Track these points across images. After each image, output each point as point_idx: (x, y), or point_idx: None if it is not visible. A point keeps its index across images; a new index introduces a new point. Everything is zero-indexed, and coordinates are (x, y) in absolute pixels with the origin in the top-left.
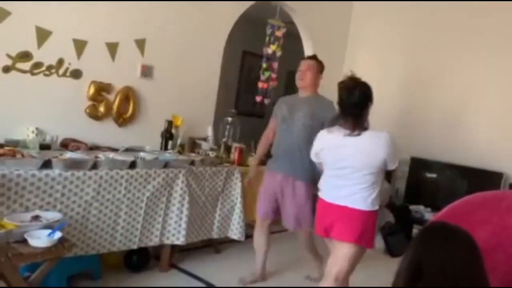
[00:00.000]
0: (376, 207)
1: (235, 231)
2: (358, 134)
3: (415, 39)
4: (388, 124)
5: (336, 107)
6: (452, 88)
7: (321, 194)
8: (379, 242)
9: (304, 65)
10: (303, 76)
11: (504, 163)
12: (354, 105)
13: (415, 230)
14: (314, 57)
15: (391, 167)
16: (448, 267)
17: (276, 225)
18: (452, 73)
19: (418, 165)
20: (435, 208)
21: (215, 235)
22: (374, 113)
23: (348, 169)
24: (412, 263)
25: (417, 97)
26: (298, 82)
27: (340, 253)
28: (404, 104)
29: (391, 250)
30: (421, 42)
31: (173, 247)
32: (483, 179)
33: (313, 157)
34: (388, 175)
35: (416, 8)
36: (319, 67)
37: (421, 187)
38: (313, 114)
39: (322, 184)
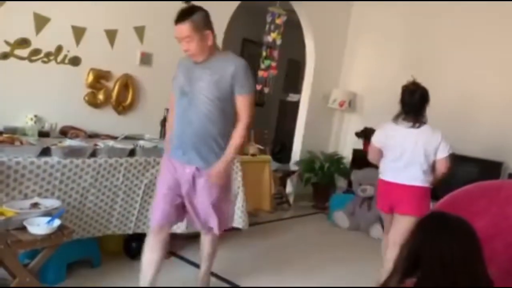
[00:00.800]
0: (429, 185)
1: (239, 220)
2: (419, 127)
3: (416, 28)
4: (385, 114)
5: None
6: (453, 79)
7: (383, 176)
8: (377, 231)
9: (177, 33)
10: (186, 47)
11: (504, 152)
12: (415, 104)
13: None
14: (184, 17)
15: (441, 155)
16: (447, 256)
17: None
18: (453, 64)
19: None
20: (435, 197)
21: None
22: (373, 102)
23: (409, 153)
24: (410, 252)
25: None
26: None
27: (404, 224)
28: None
29: None
30: (422, 32)
31: (174, 234)
32: (482, 168)
33: (376, 143)
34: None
35: (416, 4)
36: (199, 24)
37: None
38: (218, 82)
39: (384, 167)
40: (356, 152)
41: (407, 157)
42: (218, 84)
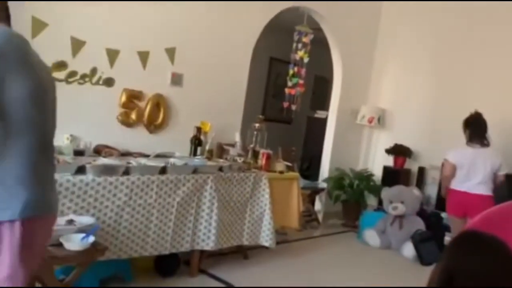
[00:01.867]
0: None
1: (266, 238)
2: (487, 146)
3: (445, 44)
4: (416, 130)
5: None
6: (486, 96)
7: (456, 187)
8: (409, 250)
9: None
10: None
11: None
12: (482, 130)
13: (447, 238)
14: None
15: (503, 171)
16: (481, 277)
17: None
18: (485, 79)
19: None
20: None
21: (245, 241)
22: (404, 119)
23: (480, 169)
24: (443, 272)
25: (446, 105)
26: None
27: None
28: (432, 110)
29: (422, 258)
30: (451, 48)
31: (202, 252)
32: None
33: (453, 161)
34: (419, 182)
35: (446, 13)
36: None
37: None
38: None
39: (457, 180)
40: (386, 169)
41: (478, 172)
42: None
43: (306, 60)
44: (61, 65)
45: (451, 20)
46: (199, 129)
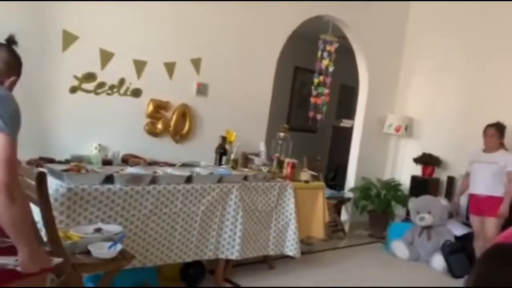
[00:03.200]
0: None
1: (291, 247)
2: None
3: (474, 51)
4: (444, 138)
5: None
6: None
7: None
8: (439, 262)
9: None
10: None
11: None
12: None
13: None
14: None
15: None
16: None
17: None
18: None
19: None
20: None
21: (271, 251)
22: (432, 127)
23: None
24: (476, 285)
25: (475, 113)
26: None
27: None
28: (461, 118)
29: (452, 270)
30: (480, 55)
31: (227, 261)
32: None
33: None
34: (448, 192)
35: (475, 19)
36: None
37: None
38: None
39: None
40: (414, 178)
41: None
42: None
43: (331, 69)
44: (90, 77)
45: (481, 26)
46: (224, 139)
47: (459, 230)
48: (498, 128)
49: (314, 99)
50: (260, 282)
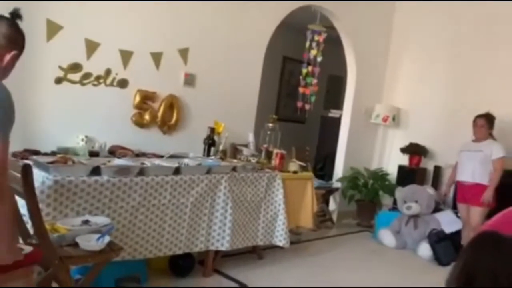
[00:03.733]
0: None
1: (280, 238)
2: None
3: (462, 42)
4: (431, 128)
5: None
6: (504, 94)
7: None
8: (425, 250)
9: None
10: None
11: None
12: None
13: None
14: None
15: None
16: (501, 277)
17: None
18: (503, 77)
19: None
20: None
21: (260, 241)
22: (419, 117)
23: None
24: (462, 273)
25: (462, 103)
26: None
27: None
28: (448, 108)
29: (439, 259)
30: (468, 44)
31: (217, 252)
32: None
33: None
34: (434, 182)
35: (464, 8)
36: None
37: None
38: None
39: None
40: (401, 168)
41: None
42: None
43: (319, 59)
44: (75, 67)
45: (469, 16)
46: (212, 130)
47: (448, 226)
48: (488, 119)
49: (302, 89)
50: (249, 272)
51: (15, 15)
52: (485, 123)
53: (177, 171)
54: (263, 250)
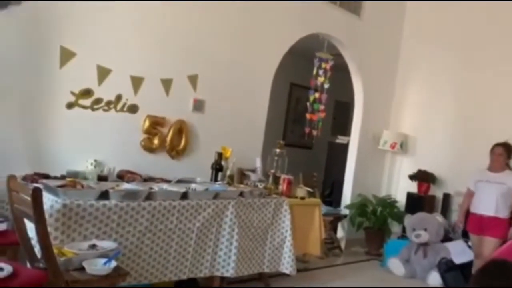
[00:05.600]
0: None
1: (286, 265)
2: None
3: (468, 69)
4: (439, 155)
5: None
6: (509, 119)
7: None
8: (435, 279)
9: None
10: None
11: None
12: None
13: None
14: None
15: None
16: None
17: None
18: (509, 104)
19: None
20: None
21: (266, 268)
22: (426, 144)
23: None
24: None
25: (470, 129)
26: None
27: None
28: (456, 135)
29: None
30: (475, 71)
31: (222, 278)
32: None
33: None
34: (443, 209)
35: (469, 36)
36: None
37: None
38: None
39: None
40: (410, 195)
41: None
42: None
43: (326, 86)
44: (87, 93)
45: (474, 43)
46: (220, 155)
47: (459, 257)
48: (506, 148)
49: (309, 115)
50: None
51: None
52: (504, 152)
53: (184, 196)
54: (269, 277)
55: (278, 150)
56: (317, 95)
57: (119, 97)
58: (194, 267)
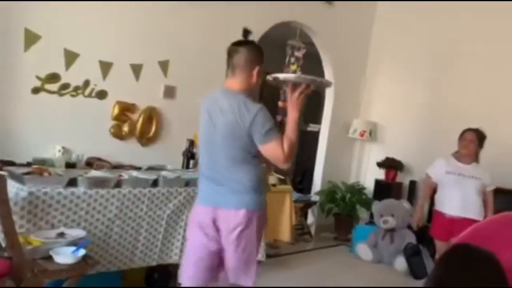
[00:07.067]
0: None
1: None
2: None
3: (438, 57)
4: (407, 143)
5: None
6: (476, 108)
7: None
8: (401, 263)
9: None
10: None
11: None
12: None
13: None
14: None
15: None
16: None
17: None
18: (479, 92)
19: None
20: None
21: None
22: (395, 132)
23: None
24: (436, 285)
25: (438, 118)
26: None
27: None
28: (424, 123)
29: (414, 272)
30: (444, 60)
31: None
32: (509, 198)
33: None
34: (410, 196)
35: (440, 25)
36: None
37: None
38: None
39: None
40: (378, 182)
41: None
42: None
43: (298, 74)
44: (53, 77)
45: (445, 32)
46: (191, 142)
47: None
48: (478, 135)
49: (282, 103)
50: None
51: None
52: (475, 139)
53: (154, 183)
54: None
55: None
56: None
57: (87, 83)
58: (164, 254)
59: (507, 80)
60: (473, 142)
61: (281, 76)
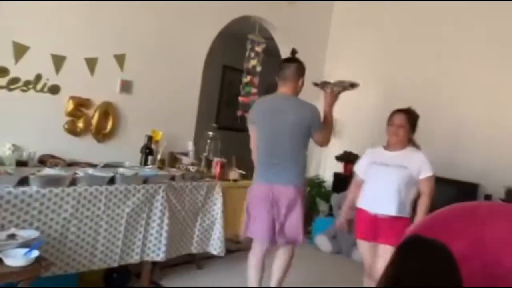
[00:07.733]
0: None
1: (215, 246)
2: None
3: (393, 53)
4: (364, 139)
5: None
6: (426, 99)
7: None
8: (359, 254)
9: None
10: None
11: (479, 174)
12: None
13: None
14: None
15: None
16: (425, 280)
17: None
18: (434, 86)
19: None
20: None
21: (194, 250)
22: (353, 127)
23: None
24: (390, 278)
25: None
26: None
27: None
28: (380, 118)
29: None
30: (400, 55)
31: (154, 264)
32: (459, 190)
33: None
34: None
35: (395, 22)
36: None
37: None
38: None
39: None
40: (337, 175)
41: None
42: None
43: (258, 69)
44: (2, 71)
45: (403, 25)
46: (150, 138)
47: None
48: (410, 116)
49: (242, 98)
50: (187, 282)
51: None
52: (406, 123)
53: (111, 181)
54: (202, 259)
55: (210, 133)
56: (249, 78)
57: (38, 77)
58: (125, 254)
59: (449, 68)
60: (402, 126)
61: (331, 81)
